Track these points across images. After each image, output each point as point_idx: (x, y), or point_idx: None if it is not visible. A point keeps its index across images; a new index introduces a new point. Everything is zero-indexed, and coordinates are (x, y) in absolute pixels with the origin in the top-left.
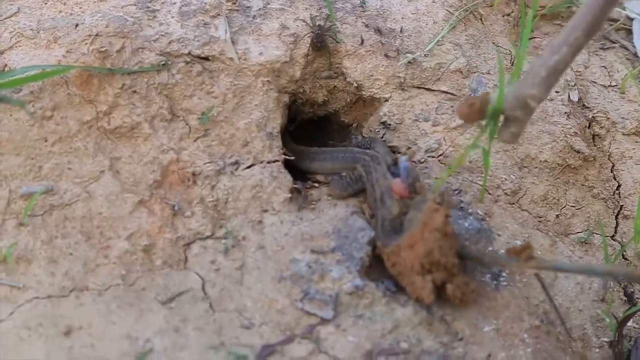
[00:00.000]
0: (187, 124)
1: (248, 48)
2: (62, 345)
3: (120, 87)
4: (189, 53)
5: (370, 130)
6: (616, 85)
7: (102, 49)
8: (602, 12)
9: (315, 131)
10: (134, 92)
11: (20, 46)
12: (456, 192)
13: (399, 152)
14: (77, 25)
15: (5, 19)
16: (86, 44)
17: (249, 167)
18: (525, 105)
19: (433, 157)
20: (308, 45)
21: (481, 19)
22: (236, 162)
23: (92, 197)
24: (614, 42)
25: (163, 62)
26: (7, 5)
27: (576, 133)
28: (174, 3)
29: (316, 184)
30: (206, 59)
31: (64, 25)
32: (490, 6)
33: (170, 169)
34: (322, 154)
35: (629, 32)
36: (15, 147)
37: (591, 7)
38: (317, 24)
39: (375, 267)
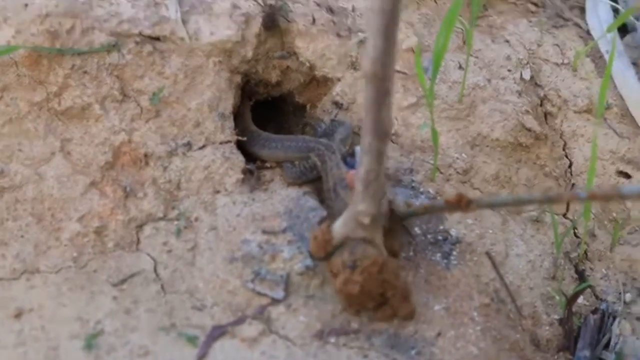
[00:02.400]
0: (138, 105)
1: (199, 28)
2: (12, 327)
3: (70, 68)
4: (140, 33)
5: (324, 111)
6: (569, 63)
7: (52, 29)
8: (379, 112)
9: (270, 112)
10: (85, 72)
11: None
12: (408, 171)
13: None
14: (26, 5)
15: None
16: (36, 24)
17: (201, 147)
18: (361, 223)
19: None
20: (260, 24)
21: None
22: (188, 143)
23: (43, 179)
24: (567, 20)
25: (113, 43)
26: None
27: (528, 111)
28: None
29: (268, 165)
30: (157, 39)
31: (14, 5)
32: None
33: (122, 150)
34: (274, 142)
35: (582, 10)
36: None
37: (368, 110)
38: (268, 3)
39: None
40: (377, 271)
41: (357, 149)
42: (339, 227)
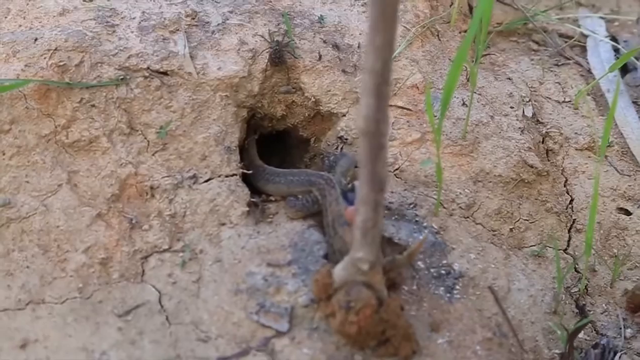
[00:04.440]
0: (145, 138)
1: (207, 63)
2: (17, 358)
3: (78, 101)
4: (148, 68)
5: (328, 145)
6: (570, 101)
7: (61, 63)
8: (374, 165)
9: (275, 145)
10: (93, 106)
11: None
12: (411, 205)
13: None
14: (36, 40)
15: None
16: (45, 58)
17: (207, 180)
18: (359, 270)
19: (389, 171)
20: (266, 60)
21: (438, 36)
22: (194, 176)
23: (50, 210)
24: (569, 59)
25: (122, 77)
26: None
27: (530, 148)
28: (134, 18)
29: (273, 198)
30: (165, 73)
31: (23, 39)
32: (448, 22)
33: (128, 182)
34: (277, 177)
35: (584, 49)
36: None
37: (364, 164)
38: (275, 39)
39: None
40: (371, 312)
41: (357, 183)
42: (340, 270)
